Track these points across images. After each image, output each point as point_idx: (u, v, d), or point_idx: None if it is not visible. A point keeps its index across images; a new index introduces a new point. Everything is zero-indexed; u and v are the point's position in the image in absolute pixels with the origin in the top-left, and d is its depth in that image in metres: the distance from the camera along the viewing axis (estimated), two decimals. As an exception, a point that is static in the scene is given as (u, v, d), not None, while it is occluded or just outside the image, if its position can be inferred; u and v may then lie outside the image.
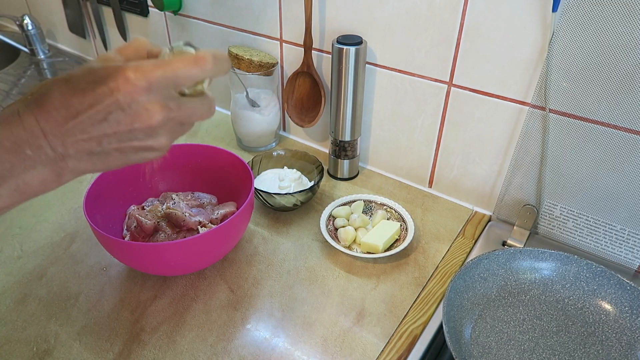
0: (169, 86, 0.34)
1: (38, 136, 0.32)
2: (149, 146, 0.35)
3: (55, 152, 0.33)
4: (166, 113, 0.34)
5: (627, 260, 0.66)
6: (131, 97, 0.32)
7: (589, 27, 0.55)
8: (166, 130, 0.35)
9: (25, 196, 0.34)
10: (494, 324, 0.57)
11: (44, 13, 1.31)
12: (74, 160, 0.34)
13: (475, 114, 0.70)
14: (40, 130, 0.32)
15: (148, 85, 0.32)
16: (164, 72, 0.33)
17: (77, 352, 0.55)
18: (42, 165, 0.33)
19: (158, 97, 0.33)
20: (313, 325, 0.59)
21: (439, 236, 0.72)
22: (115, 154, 0.35)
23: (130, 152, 0.35)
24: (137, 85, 0.32)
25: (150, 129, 0.34)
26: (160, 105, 0.33)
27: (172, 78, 0.33)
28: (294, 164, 0.82)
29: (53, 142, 0.32)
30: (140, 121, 0.33)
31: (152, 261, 0.59)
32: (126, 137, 0.34)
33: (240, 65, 0.83)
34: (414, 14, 0.68)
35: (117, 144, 0.34)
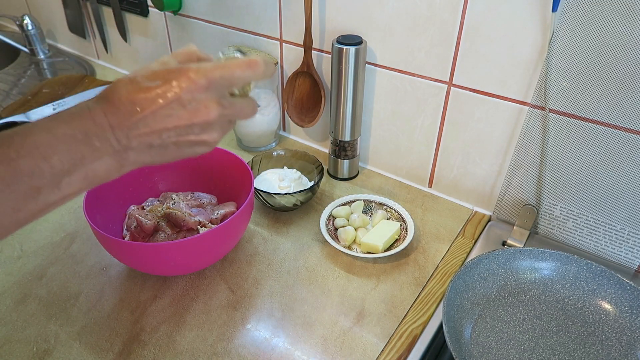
0: (225, 86, 0.38)
1: (106, 129, 0.35)
2: (203, 140, 0.38)
3: (120, 144, 0.36)
4: (221, 110, 0.37)
5: (627, 260, 0.66)
6: (192, 94, 0.35)
7: (589, 27, 0.55)
8: (219, 126, 0.38)
9: (91, 184, 0.37)
10: (494, 324, 0.57)
11: (44, 13, 1.31)
12: (135, 152, 0.37)
13: (475, 114, 0.70)
14: (108, 123, 0.35)
15: (207, 84, 0.36)
16: (222, 73, 0.37)
17: (77, 352, 0.55)
18: (108, 156, 0.36)
19: (215, 95, 0.37)
20: (313, 325, 0.59)
21: (439, 236, 0.72)
22: (172, 148, 0.38)
23: (186, 146, 0.38)
24: (198, 84, 0.35)
25: (206, 124, 0.37)
26: (217, 102, 0.37)
27: (229, 78, 0.37)
28: (294, 164, 0.82)
29: (119, 135, 0.35)
30: (199, 117, 0.36)
31: (152, 261, 0.59)
32: (184, 131, 0.37)
33: (240, 65, 0.83)
34: (414, 14, 0.68)
35: (175, 137, 0.37)
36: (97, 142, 0.35)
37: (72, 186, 0.35)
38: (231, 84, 0.38)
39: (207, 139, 0.38)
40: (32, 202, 0.34)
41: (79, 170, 0.35)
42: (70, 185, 0.35)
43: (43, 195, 0.34)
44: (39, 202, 0.34)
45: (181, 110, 0.36)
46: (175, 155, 0.39)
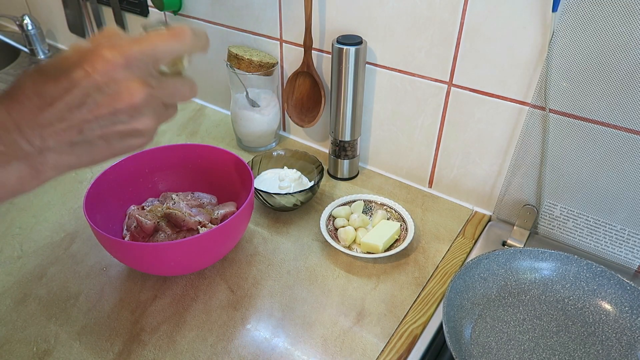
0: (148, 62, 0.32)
1: (10, 130, 0.30)
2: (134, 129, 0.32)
3: (32, 146, 0.30)
4: (148, 90, 0.32)
5: (627, 260, 0.66)
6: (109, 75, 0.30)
7: (589, 27, 0.55)
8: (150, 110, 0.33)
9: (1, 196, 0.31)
10: (494, 324, 0.57)
11: (44, 13, 1.31)
12: (55, 153, 0.31)
13: (476, 114, 0.70)
14: (13, 122, 0.30)
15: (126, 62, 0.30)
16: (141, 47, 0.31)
17: (77, 352, 0.55)
18: (18, 161, 0.30)
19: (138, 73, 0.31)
20: (313, 325, 0.59)
21: (439, 236, 0.72)
22: (100, 143, 0.32)
23: (116, 139, 0.32)
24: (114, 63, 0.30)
25: (133, 109, 0.31)
26: (141, 81, 0.31)
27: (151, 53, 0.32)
28: (294, 164, 0.82)
29: (28, 135, 0.30)
30: (121, 100, 0.31)
31: (152, 261, 0.59)
32: (109, 120, 0.31)
33: (240, 65, 0.83)
34: (414, 14, 0.68)
35: (99, 129, 0.31)
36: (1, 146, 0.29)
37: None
38: (156, 59, 0.32)
39: (139, 127, 0.32)
40: None
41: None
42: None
43: None
44: None
45: (99, 96, 0.30)
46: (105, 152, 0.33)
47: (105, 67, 0.30)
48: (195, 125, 1.00)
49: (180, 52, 0.33)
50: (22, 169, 0.31)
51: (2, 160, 0.30)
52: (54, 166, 0.32)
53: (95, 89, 0.30)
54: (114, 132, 0.32)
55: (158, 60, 0.33)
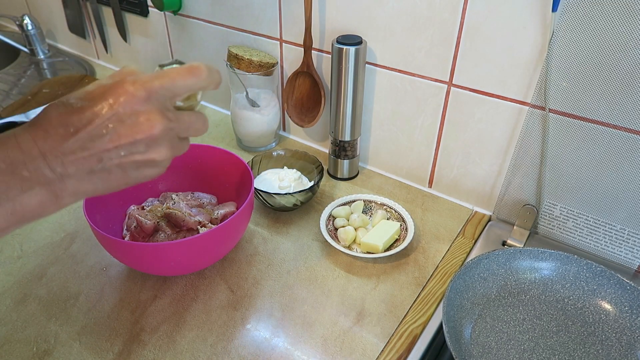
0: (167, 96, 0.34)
1: (35, 157, 0.31)
2: (150, 159, 0.34)
3: (54, 173, 0.32)
4: (166, 122, 0.34)
5: (627, 260, 0.66)
6: (131, 107, 0.32)
7: (589, 27, 0.55)
8: (167, 142, 0.35)
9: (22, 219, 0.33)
10: (494, 323, 0.57)
11: (44, 13, 1.31)
12: (74, 180, 0.33)
13: (476, 114, 0.70)
14: (38, 150, 0.31)
15: (147, 95, 0.33)
16: (162, 82, 0.33)
17: (77, 352, 0.55)
18: (40, 187, 0.32)
19: (157, 106, 0.33)
20: (313, 325, 0.59)
21: (439, 236, 0.72)
22: (117, 171, 0.34)
23: (132, 168, 0.34)
24: (137, 96, 0.32)
25: (151, 139, 0.33)
26: (160, 114, 0.33)
27: (170, 87, 0.34)
28: (294, 164, 0.82)
29: (51, 162, 0.31)
30: (141, 131, 0.33)
31: (152, 261, 0.59)
32: (128, 150, 0.33)
33: (240, 65, 0.83)
34: (414, 14, 0.68)
35: (118, 159, 0.33)
36: (26, 172, 0.31)
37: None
38: (174, 94, 0.35)
39: (155, 157, 0.34)
40: None
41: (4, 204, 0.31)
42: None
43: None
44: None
45: (120, 127, 0.32)
46: (121, 181, 0.35)
47: (128, 99, 0.32)
48: (195, 125, 1.00)
49: (196, 87, 0.35)
50: (43, 194, 0.32)
51: (25, 186, 0.31)
52: (73, 193, 0.33)
53: (117, 120, 0.32)
54: (131, 161, 0.34)
55: (175, 94, 0.35)
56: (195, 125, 0.37)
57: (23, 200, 0.31)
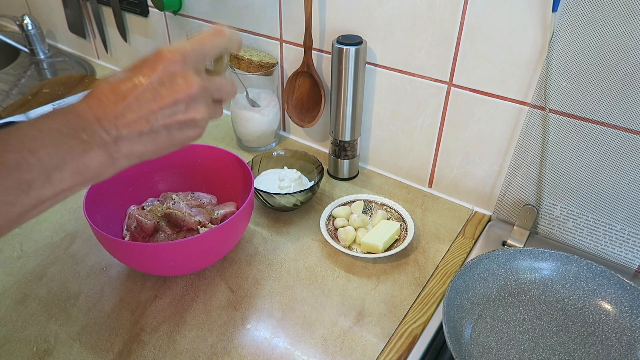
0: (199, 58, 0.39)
1: (92, 122, 0.35)
2: (191, 118, 0.38)
3: (110, 135, 0.36)
4: (201, 81, 0.38)
5: (627, 260, 0.66)
6: (170, 71, 0.37)
7: (589, 27, 0.55)
8: (203, 101, 0.39)
9: (84, 179, 0.36)
10: (494, 324, 0.57)
11: (44, 13, 1.31)
12: (127, 142, 0.37)
13: (475, 114, 0.70)
14: (94, 116, 0.35)
15: (182, 58, 0.37)
16: (193, 45, 0.38)
17: (77, 352, 0.55)
18: (98, 148, 0.36)
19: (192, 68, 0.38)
20: (313, 325, 0.59)
21: (439, 236, 0.72)
22: (163, 132, 0.38)
23: (175, 129, 0.38)
24: (173, 60, 0.37)
25: (190, 98, 0.37)
26: (196, 74, 0.38)
27: (200, 49, 0.39)
28: (294, 164, 0.82)
29: (106, 126, 0.35)
30: (181, 91, 0.37)
31: (152, 261, 0.59)
32: (171, 110, 0.37)
33: (240, 65, 0.83)
34: (414, 14, 0.68)
35: (163, 119, 0.37)
36: (85, 135, 0.35)
37: (65, 181, 0.35)
38: (204, 55, 0.39)
39: (195, 116, 0.38)
40: (24, 196, 0.34)
41: (69, 164, 0.35)
42: (62, 180, 0.35)
43: (35, 190, 0.34)
44: (31, 197, 0.34)
45: (162, 89, 0.36)
46: (167, 141, 0.38)
47: (166, 64, 0.37)
48: (195, 125, 1.00)
49: (223, 46, 0.41)
50: (102, 155, 0.36)
51: (86, 147, 0.35)
52: (126, 155, 0.37)
53: (159, 83, 0.36)
54: (175, 121, 0.38)
55: (206, 55, 0.40)
56: (225, 87, 0.41)
57: (85, 160, 0.35)
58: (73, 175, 0.35)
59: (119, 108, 0.36)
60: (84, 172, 0.36)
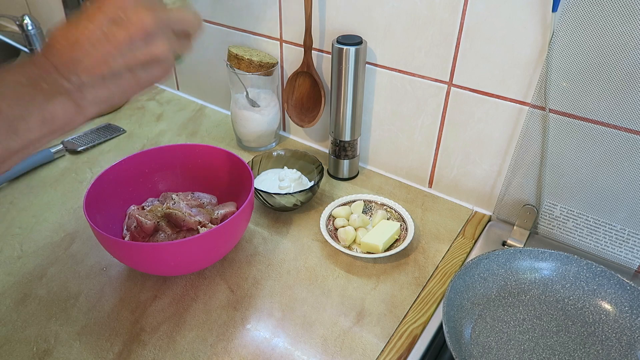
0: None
1: (50, 70, 0.35)
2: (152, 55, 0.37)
3: (70, 83, 0.35)
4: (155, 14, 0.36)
5: (627, 260, 0.66)
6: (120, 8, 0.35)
7: (589, 27, 0.55)
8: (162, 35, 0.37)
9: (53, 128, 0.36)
10: (494, 324, 0.57)
11: (44, 13, 1.31)
12: (90, 88, 0.36)
13: (475, 114, 0.70)
14: (51, 64, 0.35)
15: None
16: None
17: (77, 352, 0.55)
18: (61, 96, 0.35)
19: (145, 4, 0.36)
20: (313, 325, 0.59)
21: (439, 236, 0.72)
22: (126, 74, 0.37)
23: (139, 68, 0.37)
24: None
25: (146, 34, 0.36)
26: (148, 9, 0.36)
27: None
28: (294, 164, 0.82)
29: (65, 73, 0.35)
30: (135, 27, 0.35)
31: (152, 261, 0.59)
32: (128, 49, 0.36)
33: (240, 65, 0.83)
34: (414, 14, 0.68)
35: (122, 59, 0.36)
36: (45, 85, 0.35)
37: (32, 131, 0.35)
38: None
39: (155, 52, 0.37)
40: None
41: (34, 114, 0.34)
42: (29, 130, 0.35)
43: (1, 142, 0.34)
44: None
45: (115, 28, 0.35)
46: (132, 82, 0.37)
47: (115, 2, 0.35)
48: (195, 125, 1.00)
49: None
50: (66, 103, 0.35)
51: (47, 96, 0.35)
52: (92, 101, 0.37)
53: (110, 22, 0.35)
54: (135, 60, 0.36)
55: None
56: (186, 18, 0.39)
57: (49, 108, 0.35)
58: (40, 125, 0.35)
59: (75, 54, 0.35)
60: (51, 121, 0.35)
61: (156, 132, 0.97)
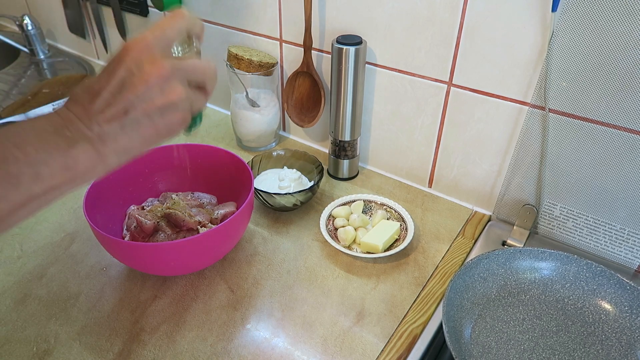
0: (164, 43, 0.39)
1: (73, 120, 0.36)
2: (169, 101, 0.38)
3: (92, 132, 0.36)
4: (170, 62, 0.38)
5: (627, 260, 0.66)
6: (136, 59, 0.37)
7: (589, 27, 0.55)
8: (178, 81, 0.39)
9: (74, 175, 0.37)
10: (494, 323, 0.57)
11: (44, 13, 1.31)
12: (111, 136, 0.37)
13: (475, 114, 0.70)
14: (74, 115, 0.37)
15: (147, 45, 0.38)
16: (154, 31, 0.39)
17: (77, 352, 0.55)
18: (83, 142, 0.36)
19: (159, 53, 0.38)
20: (313, 325, 0.59)
21: (439, 236, 0.72)
22: (145, 121, 0.38)
23: (156, 114, 0.38)
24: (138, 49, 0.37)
25: (162, 80, 0.37)
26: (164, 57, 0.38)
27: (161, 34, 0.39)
28: (294, 164, 0.82)
29: (87, 123, 0.36)
30: (151, 74, 0.37)
31: (152, 261, 0.59)
32: (145, 96, 0.37)
33: (240, 65, 0.83)
34: (414, 14, 0.68)
35: (141, 106, 0.37)
36: (68, 132, 0.36)
37: (54, 177, 0.36)
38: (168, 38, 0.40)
39: (172, 97, 0.38)
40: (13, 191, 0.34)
41: (56, 159, 0.35)
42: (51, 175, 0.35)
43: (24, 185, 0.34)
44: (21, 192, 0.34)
45: (132, 77, 0.37)
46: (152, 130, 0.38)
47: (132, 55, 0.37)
48: (195, 125, 1.00)
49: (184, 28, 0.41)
50: (88, 151, 0.37)
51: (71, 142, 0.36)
52: (114, 150, 0.38)
53: (128, 72, 0.37)
54: (153, 107, 0.38)
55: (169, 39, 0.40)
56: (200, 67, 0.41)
57: (72, 155, 0.36)
58: (62, 171, 0.36)
59: (96, 105, 0.37)
60: (73, 167, 0.36)
61: (156, 132, 0.97)
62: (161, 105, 0.38)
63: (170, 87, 0.38)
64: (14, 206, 0.35)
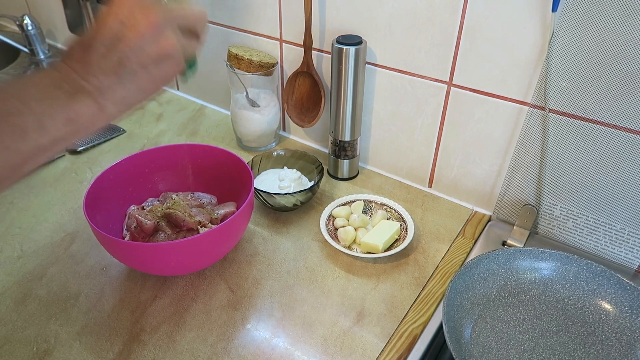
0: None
1: (70, 73, 0.37)
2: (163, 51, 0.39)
3: (90, 84, 0.37)
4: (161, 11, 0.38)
5: (627, 260, 0.66)
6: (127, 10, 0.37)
7: (589, 27, 0.55)
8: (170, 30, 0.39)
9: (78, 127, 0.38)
10: (494, 324, 0.57)
11: (44, 13, 1.31)
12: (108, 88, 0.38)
13: (475, 114, 0.70)
14: (70, 69, 0.37)
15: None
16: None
17: (77, 352, 0.55)
18: (83, 95, 0.37)
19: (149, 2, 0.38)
20: (313, 325, 0.59)
21: (439, 236, 0.72)
22: (141, 72, 0.39)
23: (152, 64, 0.39)
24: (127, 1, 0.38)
25: (154, 29, 0.38)
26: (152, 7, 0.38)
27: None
28: (294, 164, 0.82)
29: (84, 75, 0.37)
30: (143, 24, 0.37)
31: (152, 261, 0.59)
32: (139, 46, 0.38)
33: (240, 65, 0.83)
34: (414, 14, 0.68)
35: (135, 57, 0.38)
36: (67, 86, 0.37)
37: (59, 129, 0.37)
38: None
39: (165, 46, 0.39)
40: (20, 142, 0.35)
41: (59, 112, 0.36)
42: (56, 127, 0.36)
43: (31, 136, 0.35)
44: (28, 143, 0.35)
45: (124, 28, 0.37)
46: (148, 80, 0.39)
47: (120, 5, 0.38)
48: (195, 125, 1.00)
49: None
50: (89, 103, 0.37)
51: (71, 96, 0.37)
52: (112, 100, 0.39)
53: (119, 24, 0.37)
54: (147, 57, 0.38)
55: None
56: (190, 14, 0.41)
57: (74, 108, 0.37)
58: (66, 123, 0.37)
59: (90, 57, 0.37)
60: (76, 120, 0.37)
61: (156, 132, 0.97)
62: (156, 55, 0.39)
63: (163, 37, 0.39)
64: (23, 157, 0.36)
